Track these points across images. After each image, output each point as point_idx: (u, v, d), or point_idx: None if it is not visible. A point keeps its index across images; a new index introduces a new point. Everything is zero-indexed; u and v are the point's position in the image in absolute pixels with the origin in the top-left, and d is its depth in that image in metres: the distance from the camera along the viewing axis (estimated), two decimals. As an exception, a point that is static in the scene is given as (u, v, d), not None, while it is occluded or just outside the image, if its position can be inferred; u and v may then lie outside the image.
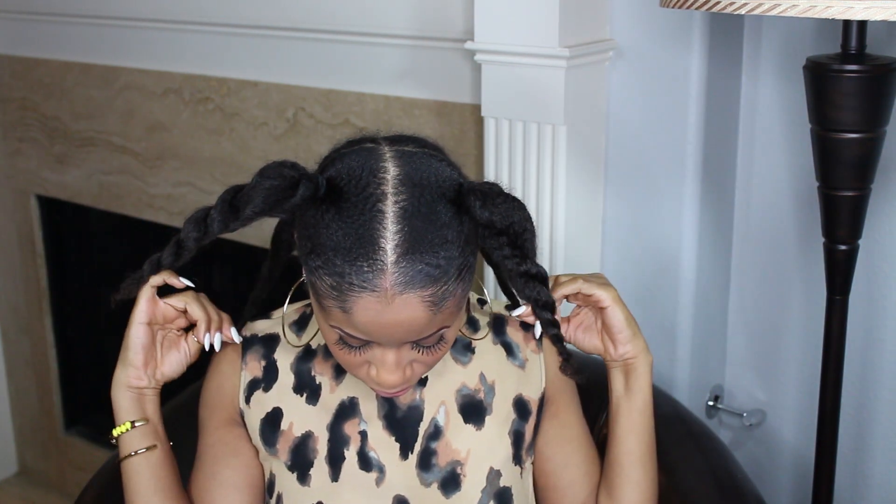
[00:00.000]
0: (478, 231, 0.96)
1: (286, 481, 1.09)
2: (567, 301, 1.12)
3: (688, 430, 1.37)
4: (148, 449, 1.08)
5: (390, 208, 0.90)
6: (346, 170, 0.94)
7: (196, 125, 2.06)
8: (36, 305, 2.59)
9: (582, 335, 1.13)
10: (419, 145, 0.99)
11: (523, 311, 1.10)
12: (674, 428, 1.35)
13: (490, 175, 1.56)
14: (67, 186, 2.38)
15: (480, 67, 1.53)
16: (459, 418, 1.11)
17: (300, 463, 1.09)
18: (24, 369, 2.69)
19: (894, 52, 1.34)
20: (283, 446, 1.10)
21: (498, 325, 1.15)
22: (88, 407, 2.64)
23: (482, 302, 1.17)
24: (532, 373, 1.14)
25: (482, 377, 1.12)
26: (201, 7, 1.97)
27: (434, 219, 0.91)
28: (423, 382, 1.11)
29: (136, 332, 1.07)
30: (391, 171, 0.93)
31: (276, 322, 1.15)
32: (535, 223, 1.55)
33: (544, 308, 1.00)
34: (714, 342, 1.66)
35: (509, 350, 1.14)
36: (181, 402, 1.43)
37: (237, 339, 1.11)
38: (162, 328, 1.09)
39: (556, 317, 1.09)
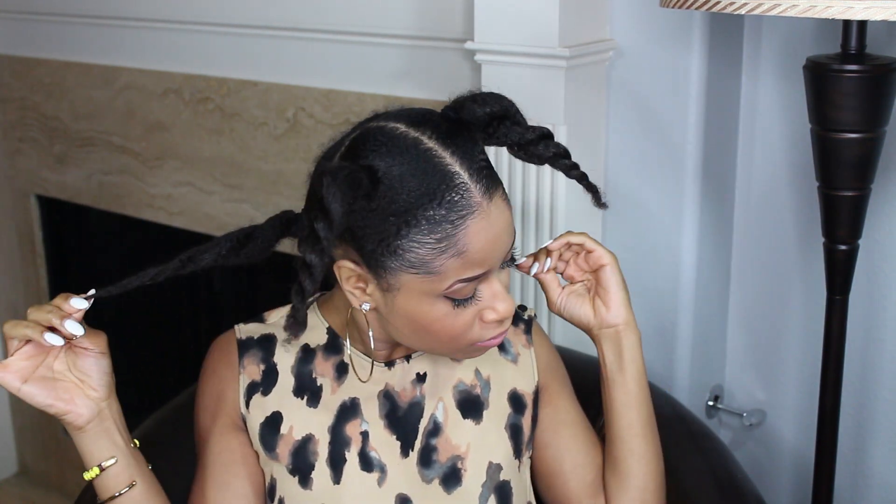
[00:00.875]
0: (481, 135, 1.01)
1: (287, 485, 1.09)
2: (562, 261, 1.14)
3: (688, 430, 1.37)
4: (130, 487, 1.03)
5: (430, 142, 0.94)
6: (370, 148, 0.95)
7: (196, 125, 2.06)
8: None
9: (574, 301, 1.13)
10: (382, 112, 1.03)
11: (524, 260, 1.13)
12: (674, 428, 1.34)
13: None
14: (67, 186, 2.38)
15: (480, 67, 1.53)
16: (458, 414, 1.11)
17: (301, 466, 1.09)
18: (24, 369, 2.68)
19: (894, 52, 1.34)
20: (284, 450, 1.09)
21: None
22: (88, 407, 2.64)
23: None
24: (524, 367, 1.16)
25: (477, 373, 1.14)
26: (201, 7, 1.97)
27: (460, 132, 0.97)
28: (422, 379, 1.11)
29: (26, 396, 0.98)
30: (399, 126, 0.96)
31: (270, 325, 1.14)
32: (534, 222, 1.55)
33: (564, 157, 1.04)
34: (714, 342, 1.66)
35: (501, 345, 1.16)
36: (181, 402, 1.42)
37: (85, 304, 0.96)
38: (43, 365, 0.99)
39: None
